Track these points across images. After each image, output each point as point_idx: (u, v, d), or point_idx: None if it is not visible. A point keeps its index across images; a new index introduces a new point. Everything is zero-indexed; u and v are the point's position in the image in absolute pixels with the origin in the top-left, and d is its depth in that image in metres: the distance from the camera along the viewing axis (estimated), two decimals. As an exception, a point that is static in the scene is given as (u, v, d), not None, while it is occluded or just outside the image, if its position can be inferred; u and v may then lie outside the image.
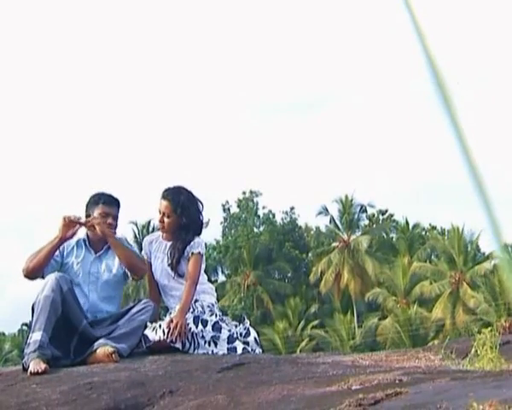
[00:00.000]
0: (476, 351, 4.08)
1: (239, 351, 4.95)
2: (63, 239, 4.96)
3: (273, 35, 79.05)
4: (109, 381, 3.94)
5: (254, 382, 3.67)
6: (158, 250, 5.27)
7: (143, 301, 5.06)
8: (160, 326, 4.86)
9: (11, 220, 75.93)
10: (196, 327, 4.92)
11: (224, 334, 5.01)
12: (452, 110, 0.73)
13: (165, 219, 5.20)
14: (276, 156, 71.95)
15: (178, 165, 74.60)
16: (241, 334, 5.11)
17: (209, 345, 4.94)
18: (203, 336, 4.93)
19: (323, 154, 72.13)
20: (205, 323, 4.97)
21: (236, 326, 5.14)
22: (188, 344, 4.88)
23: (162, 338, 4.80)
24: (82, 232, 5.14)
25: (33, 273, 4.94)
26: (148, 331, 4.87)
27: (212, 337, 4.95)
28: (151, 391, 3.76)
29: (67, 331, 4.65)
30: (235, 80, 79.43)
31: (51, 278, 4.68)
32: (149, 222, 49.71)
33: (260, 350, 5.13)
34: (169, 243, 5.24)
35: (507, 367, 3.73)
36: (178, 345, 4.83)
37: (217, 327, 5.01)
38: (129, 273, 5.13)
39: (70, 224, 4.96)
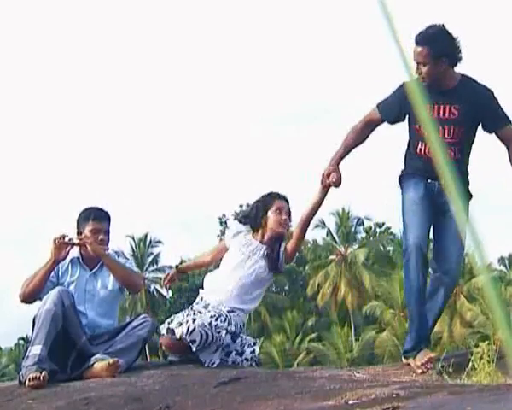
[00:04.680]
0: (473, 365, 4.07)
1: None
2: (56, 262, 4.92)
3: (276, 46, 79.31)
4: (106, 396, 3.93)
5: (251, 396, 3.66)
6: (248, 249, 5.15)
7: (141, 317, 5.03)
8: (186, 322, 4.81)
9: (11, 233, 75.85)
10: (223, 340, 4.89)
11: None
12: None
13: (280, 217, 5.15)
14: (273, 168, 72.04)
15: (175, 178, 74.67)
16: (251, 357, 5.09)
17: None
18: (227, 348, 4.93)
19: (320, 166, 72.08)
20: (235, 339, 4.97)
21: (249, 346, 5.10)
22: (200, 345, 4.82)
23: (184, 336, 4.75)
24: (75, 250, 5.09)
25: (30, 298, 4.94)
26: (174, 324, 4.86)
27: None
28: (148, 406, 3.75)
29: (66, 346, 4.62)
30: (234, 94, 79.61)
31: (54, 292, 4.67)
32: (146, 235, 49.71)
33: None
34: (262, 246, 5.15)
35: (504, 381, 3.72)
36: (193, 347, 4.78)
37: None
38: (125, 289, 5.13)
39: (61, 246, 4.91)
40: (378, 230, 51.15)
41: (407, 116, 4.67)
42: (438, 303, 4.71)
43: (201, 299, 5.13)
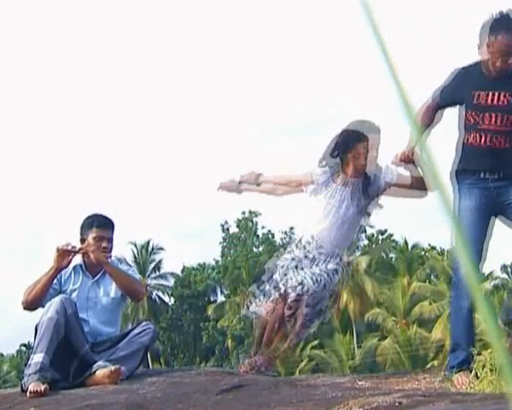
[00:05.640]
0: (476, 373, 4.06)
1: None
2: (59, 269, 4.92)
3: (280, 56, 79.42)
4: (107, 403, 3.92)
5: (253, 404, 3.65)
6: (341, 195, 4.94)
7: (143, 324, 5.03)
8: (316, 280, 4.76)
9: (13, 242, 75.87)
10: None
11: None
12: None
13: (371, 154, 4.86)
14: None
15: (178, 185, 74.72)
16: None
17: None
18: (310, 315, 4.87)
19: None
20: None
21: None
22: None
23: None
24: (78, 257, 5.08)
25: (32, 306, 4.93)
26: (292, 282, 4.78)
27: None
28: (150, 414, 3.74)
29: (68, 355, 4.62)
30: (237, 100, 79.71)
31: (56, 300, 4.67)
32: (148, 242, 49.72)
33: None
34: (352, 184, 4.92)
35: (507, 390, 3.71)
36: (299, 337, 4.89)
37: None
38: (128, 297, 5.12)
39: (64, 254, 4.92)
40: (380, 237, 51.07)
41: (458, 105, 4.58)
42: None
43: (312, 238, 4.96)
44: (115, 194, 73.19)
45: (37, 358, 4.48)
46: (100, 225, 5.07)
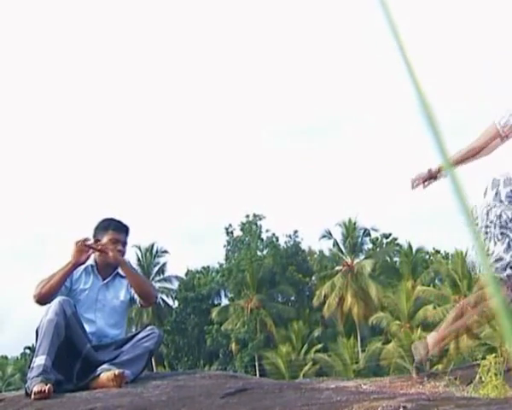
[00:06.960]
0: (481, 378, 4.05)
1: None
2: (76, 265, 4.93)
3: (282, 60, 79.44)
4: (112, 406, 3.92)
5: (258, 408, 3.64)
6: None
7: (149, 328, 5.03)
8: None
9: (19, 247, 75.98)
10: None
11: None
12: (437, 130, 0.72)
13: None
14: (280, 180, 72.10)
15: (182, 188, 74.74)
16: None
17: None
18: None
19: (327, 177, 72.23)
20: None
21: None
22: None
23: None
24: (90, 259, 5.09)
25: (45, 299, 4.90)
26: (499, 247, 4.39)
27: None
28: (154, 417, 3.74)
29: (71, 356, 4.62)
30: (240, 105, 79.70)
31: (55, 302, 4.67)
32: (152, 245, 49.76)
33: None
34: None
35: (512, 394, 3.70)
36: None
37: None
38: (138, 300, 5.10)
39: (83, 249, 4.94)
40: (385, 241, 51.08)
41: None
42: None
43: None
44: (119, 197, 73.25)
45: (40, 360, 4.48)
46: (116, 229, 5.11)
